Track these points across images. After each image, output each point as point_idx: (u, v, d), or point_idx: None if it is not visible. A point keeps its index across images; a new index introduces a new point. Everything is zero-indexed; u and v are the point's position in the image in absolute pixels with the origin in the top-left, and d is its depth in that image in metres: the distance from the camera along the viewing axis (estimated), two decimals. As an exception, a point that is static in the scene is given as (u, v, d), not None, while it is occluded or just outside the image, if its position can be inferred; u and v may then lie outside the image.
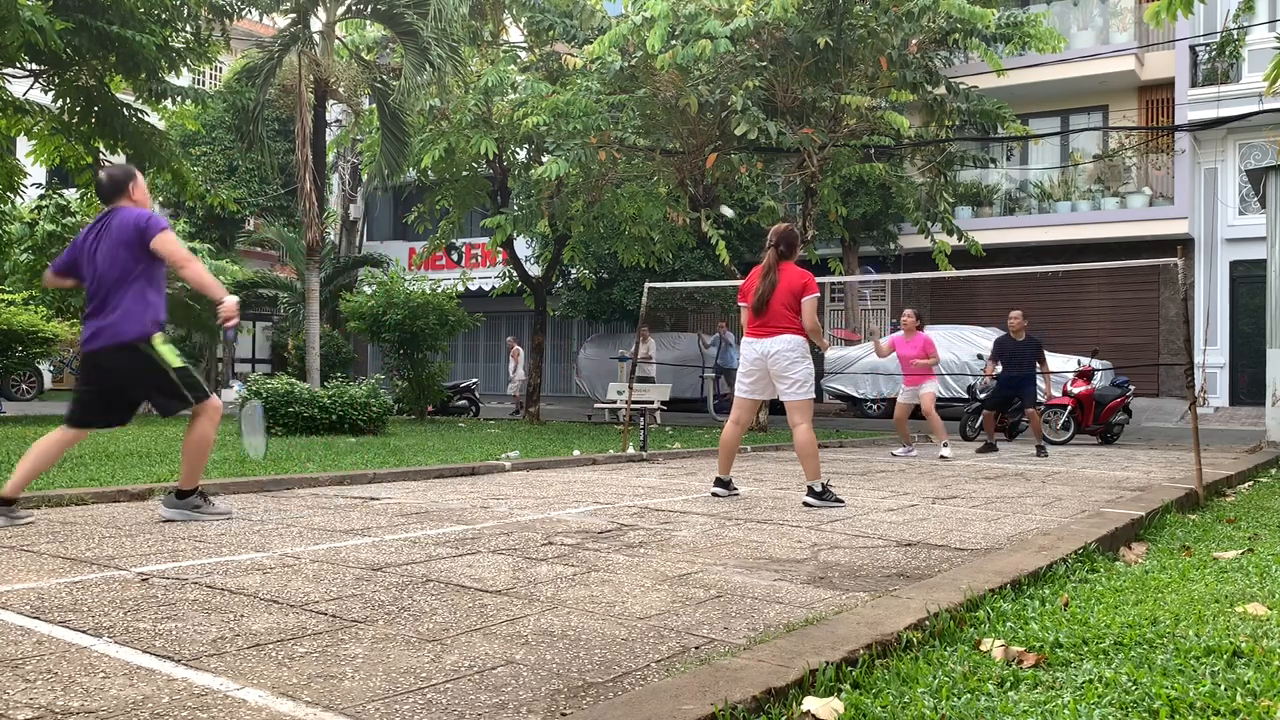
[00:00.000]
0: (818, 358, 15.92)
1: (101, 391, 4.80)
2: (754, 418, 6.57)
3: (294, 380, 11.66)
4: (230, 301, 4.99)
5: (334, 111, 24.15)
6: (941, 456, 10.10)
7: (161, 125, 16.27)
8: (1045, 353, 11.28)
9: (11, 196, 12.91)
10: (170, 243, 4.77)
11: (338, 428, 11.17)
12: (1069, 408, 12.85)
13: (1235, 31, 13.15)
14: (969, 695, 2.37)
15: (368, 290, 24.38)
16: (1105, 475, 8.53)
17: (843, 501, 6.02)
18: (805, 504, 5.94)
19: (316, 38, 15.65)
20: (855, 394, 18.89)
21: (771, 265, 6.22)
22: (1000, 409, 11.82)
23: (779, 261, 6.22)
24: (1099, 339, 19.38)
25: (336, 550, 4.22)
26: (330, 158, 23.55)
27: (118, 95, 12.52)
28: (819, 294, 6.23)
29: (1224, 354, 19.66)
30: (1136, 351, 19.84)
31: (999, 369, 11.28)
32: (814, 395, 6.22)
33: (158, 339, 4.72)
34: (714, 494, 6.46)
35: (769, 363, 6.11)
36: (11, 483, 4.68)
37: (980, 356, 16.23)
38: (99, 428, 5.01)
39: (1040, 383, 11.48)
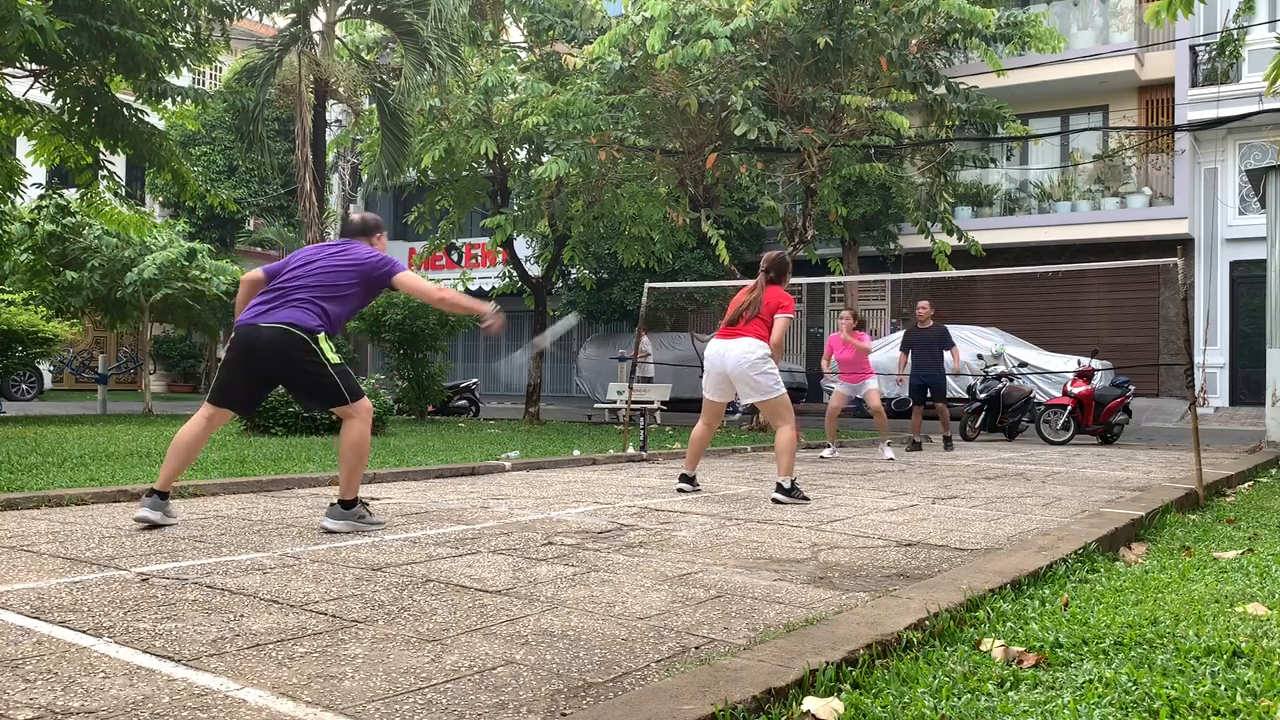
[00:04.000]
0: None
1: (248, 373, 4.74)
2: (721, 419, 6.80)
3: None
4: (488, 308, 5.00)
5: (334, 111, 24.15)
6: (888, 459, 9.89)
7: (161, 125, 16.27)
8: (953, 340, 11.27)
9: (11, 196, 12.89)
10: (413, 280, 4.91)
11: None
12: (1069, 408, 12.86)
13: (1235, 31, 13.15)
14: (969, 695, 2.37)
15: (368, 290, 24.23)
16: (1105, 475, 8.53)
17: (807, 499, 6.16)
18: (774, 500, 6.07)
19: (316, 38, 15.65)
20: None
21: (760, 287, 6.47)
22: (920, 401, 11.61)
23: (768, 285, 6.47)
24: (1099, 339, 19.38)
25: (336, 550, 4.22)
26: (330, 158, 23.53)
27: (118, 95, 12.51)
28: (792, 316, 6.47)
29: (1224, 354, 19.67)
30: (1136, 351, 19.84)
31: (909, 362, 11.30)
32: (778, 391, 6.28)
33: (323, 338, 4.70)
34: (679, 489, 6.60)
35: (727, 365, 6.28)
36: (163, 475, 4.69)
37: (980, 357, 16.23)
38: (238, 411, 5.00)
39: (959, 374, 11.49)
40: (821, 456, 10.28)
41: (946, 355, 11.15)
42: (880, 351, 18.06)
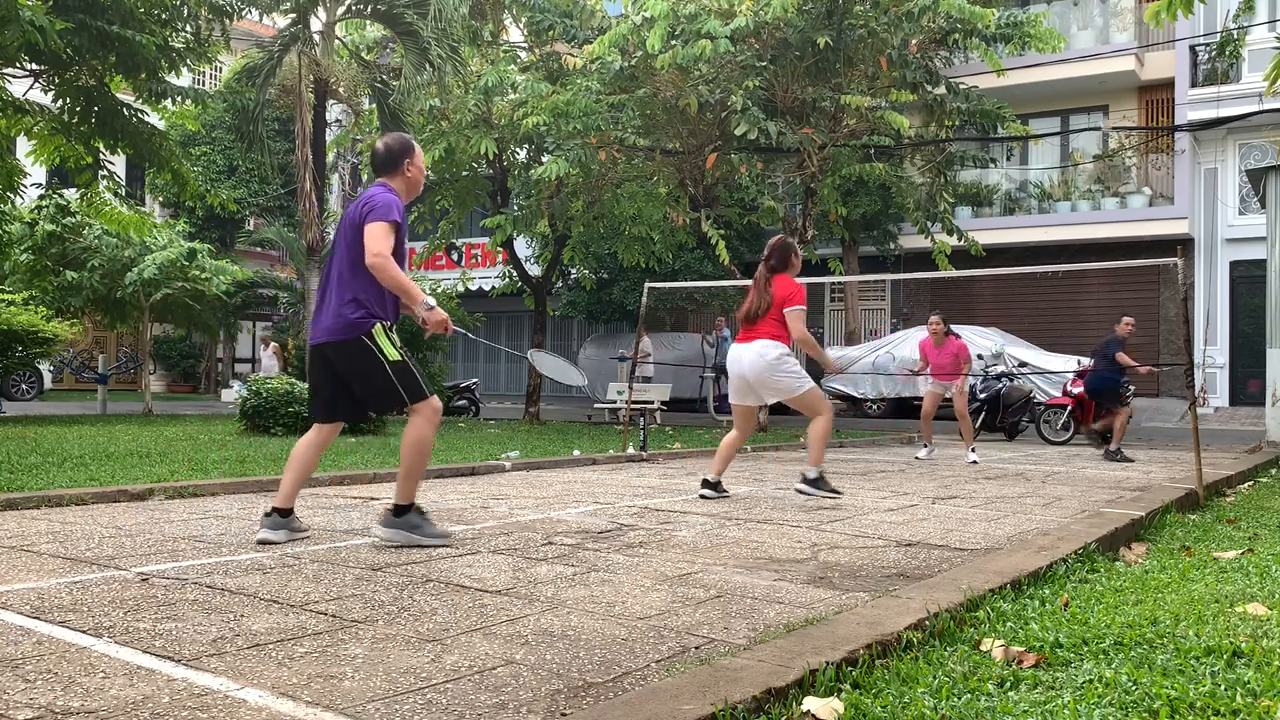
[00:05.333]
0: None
1: (324, 380, 4.41)
2: (754, 424, 6.49)
3: (294, 380, 11.65)
4: (419, 302, 4.30)
5: (334, 111, 24.14)
6: (972, 462, 9.77)
7: (161, 125, 16.27)
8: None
9: (11, 196, 12.90)
10: (375, 233, 4.16)
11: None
12: (1069, 408, 12.86)
13: (1235, 31, 13.14)
14: (969, 695, 2.37)
15: (368, 290, 24.23)
16: (1105, 475, 8.53)
17: (839, 493, 5.89)
18: (798, 489, 5.87)
19: (316, 38, 15.65)
20: (855, 394, 18.89)
21: (764, 280, 6.19)
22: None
23: (771, 275, 6.19)
24: (1099, 339, 19.34)
25: (336, 550, 4.22)
26: (330, 158, 23.53)
27: (118, 95, 12.51)
28: (802, 305, 6.10)
29: (1224, 354, 19.66)
30: (1136, 351, 19.80)
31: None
32: (805, 384, 6.00)
33: (378, 332, 4.25)
34: (702, 495, 6.28)
35: (744, 370, 6.07)
36: (284, 492, 4.37)
37: (980, 357, 16.21)
38: (343, 420, 4.54)
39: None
40: (917, 457, 10.24)
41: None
42: (881, 352, 18.08)
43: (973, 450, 9.94)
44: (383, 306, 4.30)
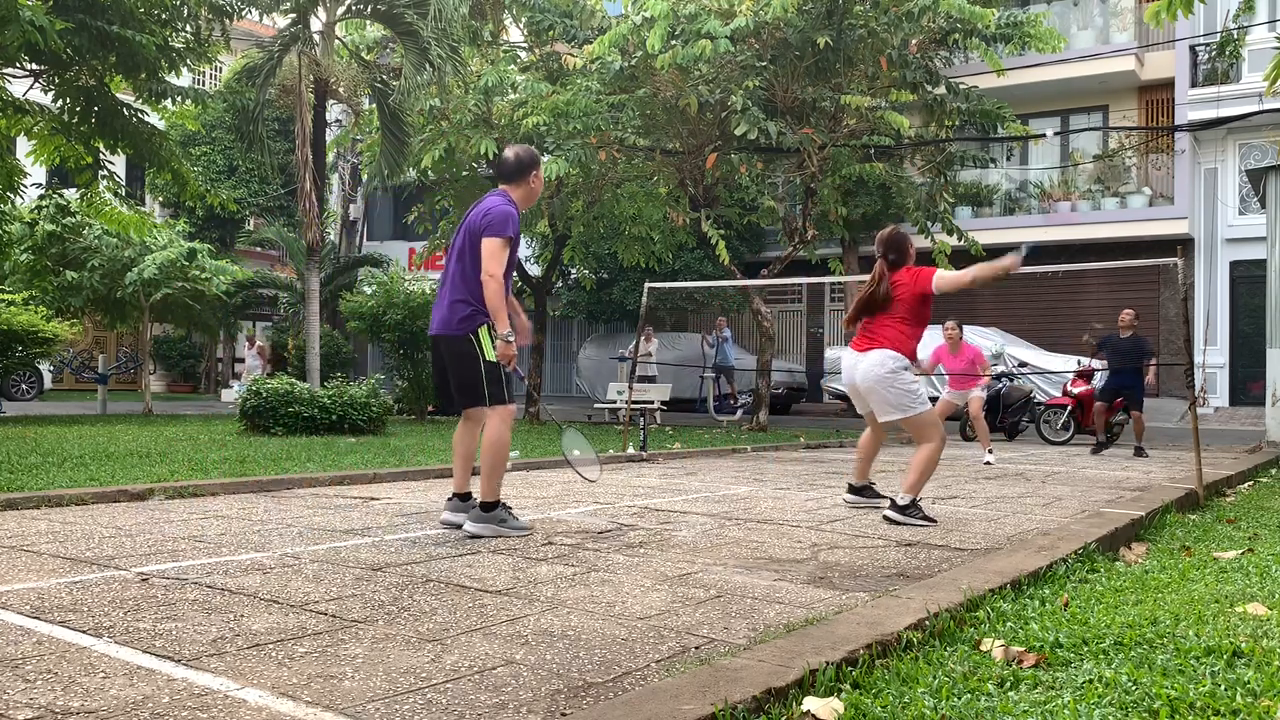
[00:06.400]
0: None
1: (442, 374, 4.94)
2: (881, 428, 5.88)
3: (294, 380, 11.65)
4: (503, 330, 4.61)
5: (334, 111, 24.16)
6: (986, 463, 9.84)
7: (161, 125, 16.26)
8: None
9: (11, 196, 12.89)
10: (491, 249, 4.55)
11: (338, 428, 11.17)
12: (1069, 408, 12.86)
13: (1235, 31, 13.14)
14: (969, 695, 2.37)
15: (368, 290, 24.32)
16: (1105, 475, 8.53)
17: (933, 521, 5.30)
18: (886, 517, 5.33)
19: (316, 38, 15.65)
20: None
21: (882, 276, 5.54)
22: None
23: (889, 271, 5.55)
24: (1103, 336, 19.34)
25: (336, 550, 4.22)
26: (330, 158, 23.55)
27: (118, 95, 12.51)
28: (939, 271, 5.53)
29: (1224, 354, 19.66)
30: (1136, 351, 19.80)
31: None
32: (918, 408, 5.41)
33: (484, 331, 4.61)
34: (845, 499, 6.07)
35: (857, 380, 5.54)
36: (457, 479, 4.92)
37: (980, 357, 16.20)
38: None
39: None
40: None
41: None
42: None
43: (990, 452, 10.10)
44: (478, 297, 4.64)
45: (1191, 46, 19.37)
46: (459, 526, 4.74)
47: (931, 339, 11.12)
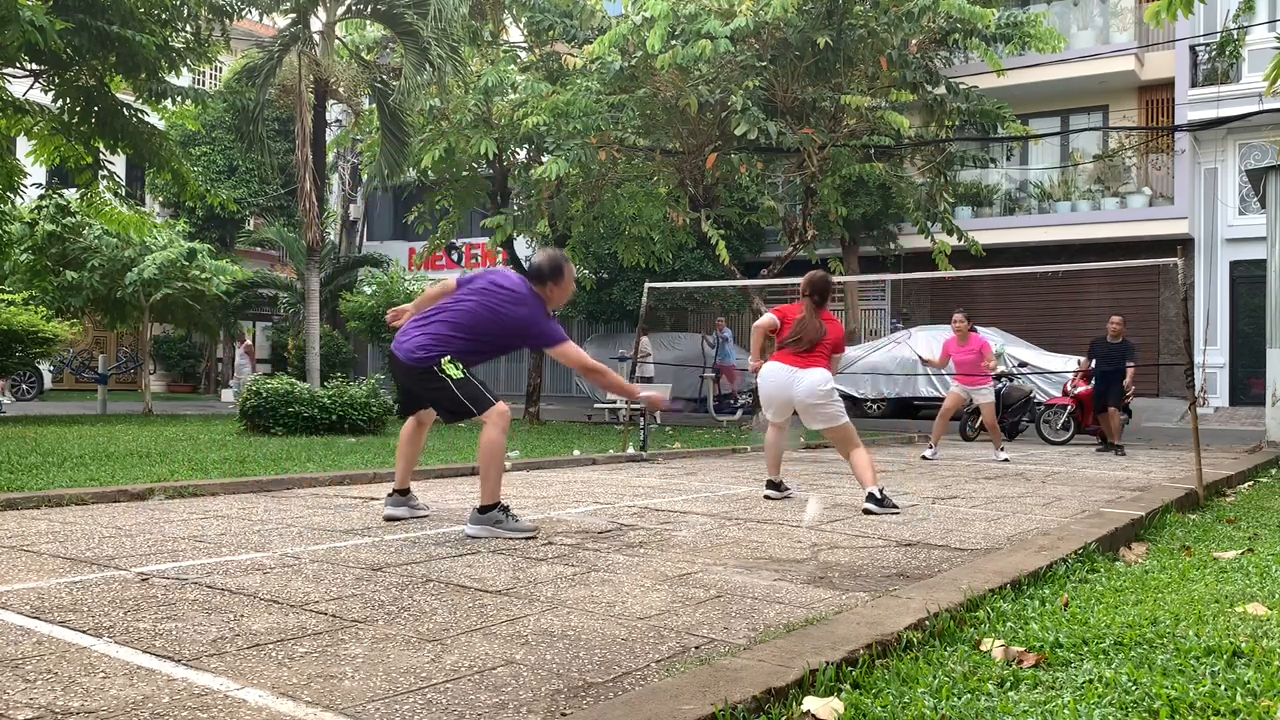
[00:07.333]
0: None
1: (401, 388, 5.14)
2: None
3: (294, 380, 11.65)
4: (650, 396, 5.28)
5: (334, 111, 24.15)
6: (1004, 460, 9.90)
7: (161, 125, 16.27)
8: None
9: (11, 196, 12.89)
10: (574, 352, 4.95)
11: (338, 428, 11.17)
12: (1069, 408, 12.86)
13: (1235, 31, 13.14)
14: (969, 695, 2.37)
15: (368, 290, 24.31)
16: (1105, 475, 8.53)
17: (898, 509, 5.82)
18: (865, 510, 5.76)
19: (316, 38, 15.64)
20: (855, 394, 18.90)
21: (814, 310, 6.34)
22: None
23: (818, 309, 6.37)
24: (1094, 338, 19.34)
25: (336, 550, 4.22)
26: (330, 158, 23.54)
27: (118, 95, 12.50)
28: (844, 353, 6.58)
29: (1224, 354, 19.66)
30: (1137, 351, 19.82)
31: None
32: (845, 418, 6.18)
33: (446, 360, 4.77)
34: (766, 495, 6.59)
35: (796, 394, 6.13)
36: (398, 475, 5.23)
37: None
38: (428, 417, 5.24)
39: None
40: (923, 457, 10.22)
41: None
42: (881, 352, 18.08)
43: (1002, 450, 10.15)
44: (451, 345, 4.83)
45: (1191, 46, 19.37)
46: (399, 520, 5.04)
47: (938, 336, 11.17)
